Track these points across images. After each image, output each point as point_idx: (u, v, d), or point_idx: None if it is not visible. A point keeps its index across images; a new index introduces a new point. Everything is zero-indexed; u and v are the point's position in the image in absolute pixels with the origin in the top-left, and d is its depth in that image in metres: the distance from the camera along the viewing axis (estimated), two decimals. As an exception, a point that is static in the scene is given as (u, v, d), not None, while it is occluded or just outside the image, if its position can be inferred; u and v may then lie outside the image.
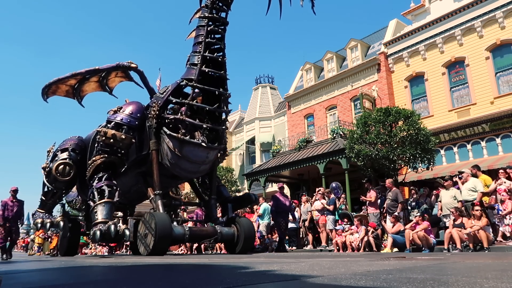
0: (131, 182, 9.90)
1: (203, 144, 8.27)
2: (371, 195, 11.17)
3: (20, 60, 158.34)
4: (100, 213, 8.42)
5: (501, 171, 9.31)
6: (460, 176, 10.03)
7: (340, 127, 17.76)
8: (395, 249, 9.13)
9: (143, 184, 9.27)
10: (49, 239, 20.69)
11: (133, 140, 9.15)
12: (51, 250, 19.34)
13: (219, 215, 10.51)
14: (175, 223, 9.27)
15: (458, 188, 9.71)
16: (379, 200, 11.33)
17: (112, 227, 7.94)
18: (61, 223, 10.45)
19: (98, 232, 7.97)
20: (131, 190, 10.19)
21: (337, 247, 10.49)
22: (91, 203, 8.82)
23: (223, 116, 9.21)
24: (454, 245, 8.20)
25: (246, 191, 22.17)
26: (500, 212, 8.68)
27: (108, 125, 9.31)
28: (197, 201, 11.99)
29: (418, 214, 9.63)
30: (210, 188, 9.75)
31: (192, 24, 9.55)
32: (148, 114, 8.95)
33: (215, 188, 9.70)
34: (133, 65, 9.57)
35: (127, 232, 8.07)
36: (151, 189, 8.81)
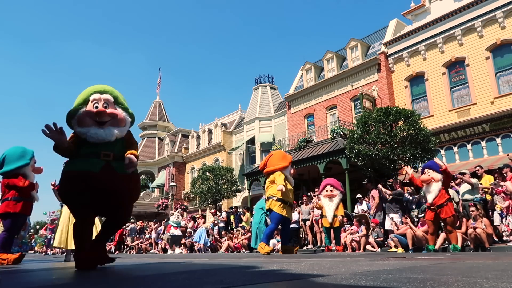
0: None
1: None
2: (374, 194, 11.09)
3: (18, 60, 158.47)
4: None
5: (496, 173, 9.30)
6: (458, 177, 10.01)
7: (340, 127, 17.77)
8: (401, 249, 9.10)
9: None
10: None
11: None
12: None
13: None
14: None
15: (457, 190, 9.70)
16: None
17: None
18: None
19: None
20: None
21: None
22: None
23: None
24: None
25: (246, 190, 22.20)
26: (501, 213, 8.68)
27: None
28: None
29: (422, 215, 9.57)
30: None
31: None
32: None
33: None
34: None
35: None
36: None
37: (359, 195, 12.50)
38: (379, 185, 10.72)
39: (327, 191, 9.68)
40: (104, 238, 3.92)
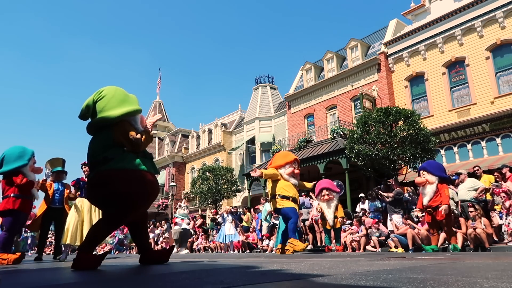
0: None
1: None
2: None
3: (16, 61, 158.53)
4: None
5: (496, 173, 9.29)
6: (456, 177, 10.00)
7: (340, 127, 17.79)
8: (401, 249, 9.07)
9: None
10: None
11: None
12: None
13: None
14: None
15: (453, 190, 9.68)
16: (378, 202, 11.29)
17: None
18: None
19: None
20: None
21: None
22: None
23: None
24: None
25: (246, 190, 22.20)
26: (501, 213, 8.66)
27: None
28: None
29: (422, 215, 9.53)
30: None
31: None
32: None
33: None
34: None
35: None
36: None
37: (361, 194, 12.45)
38: (379, 191, 10.71)
39: (323, 195, 9.58)
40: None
